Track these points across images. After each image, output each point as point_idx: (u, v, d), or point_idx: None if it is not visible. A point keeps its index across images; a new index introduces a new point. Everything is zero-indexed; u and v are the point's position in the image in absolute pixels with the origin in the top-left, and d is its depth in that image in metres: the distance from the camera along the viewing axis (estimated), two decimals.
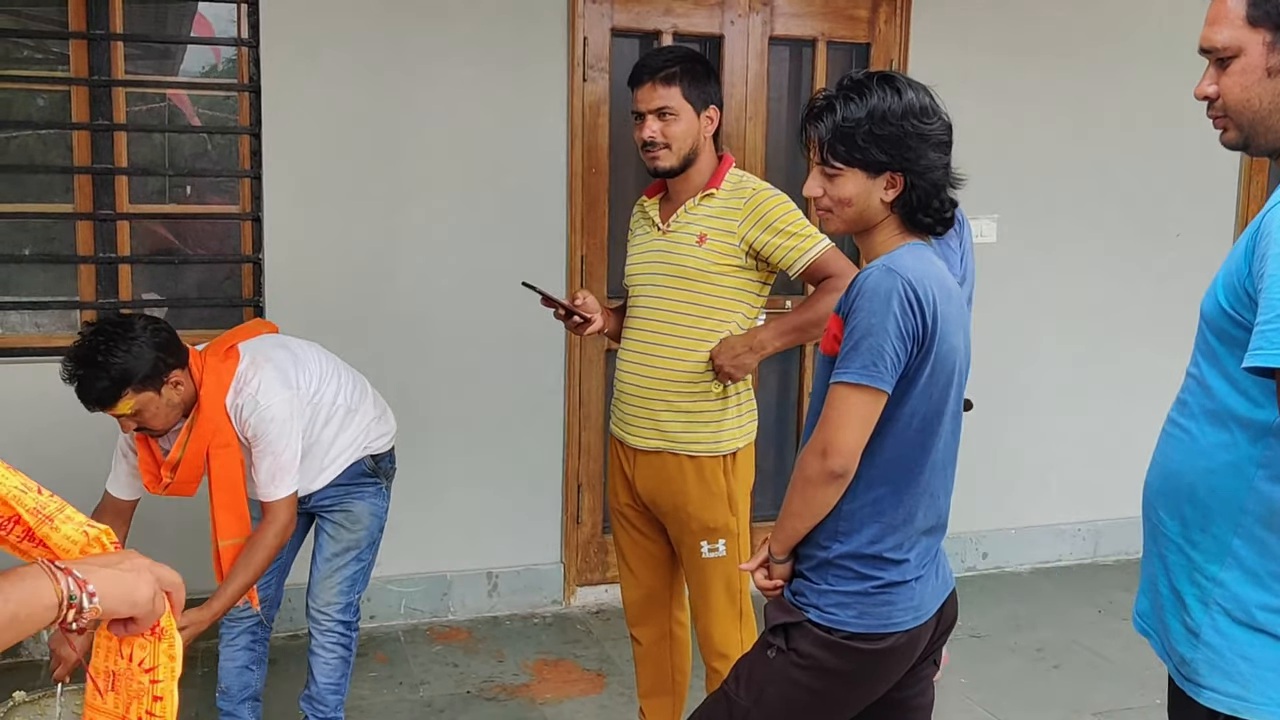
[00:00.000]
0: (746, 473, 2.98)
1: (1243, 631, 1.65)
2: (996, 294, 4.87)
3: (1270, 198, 1.63)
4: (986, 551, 5.08)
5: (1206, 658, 1.69)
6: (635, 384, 2.96)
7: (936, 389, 2.03)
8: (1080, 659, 4.24)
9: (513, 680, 3.97)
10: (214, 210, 4.30)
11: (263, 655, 3.23)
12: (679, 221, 2.93)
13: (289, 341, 3.12)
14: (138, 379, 2.71)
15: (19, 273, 4.07)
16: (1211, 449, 1.68)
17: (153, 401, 2.76)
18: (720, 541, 2.91)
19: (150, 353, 2.73)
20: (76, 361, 2.70)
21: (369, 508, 3.17)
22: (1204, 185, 5.14)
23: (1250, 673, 1.65)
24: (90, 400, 2.72)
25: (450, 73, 4.22)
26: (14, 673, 3.84)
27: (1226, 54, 1.70)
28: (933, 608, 2.13)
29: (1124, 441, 5.09)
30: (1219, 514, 1.67)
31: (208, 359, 2.88)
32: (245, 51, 4.05)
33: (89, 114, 3.94)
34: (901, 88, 2.04)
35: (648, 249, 3.00)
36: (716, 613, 2.96)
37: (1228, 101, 1.72)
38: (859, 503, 2.05)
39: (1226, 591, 1.66)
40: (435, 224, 4.28)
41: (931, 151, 2.03)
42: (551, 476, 4.54)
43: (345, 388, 3.12)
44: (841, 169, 2.06)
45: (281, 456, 2.87)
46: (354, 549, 3.16)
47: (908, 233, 2.10)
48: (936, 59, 4.66)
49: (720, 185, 2.91)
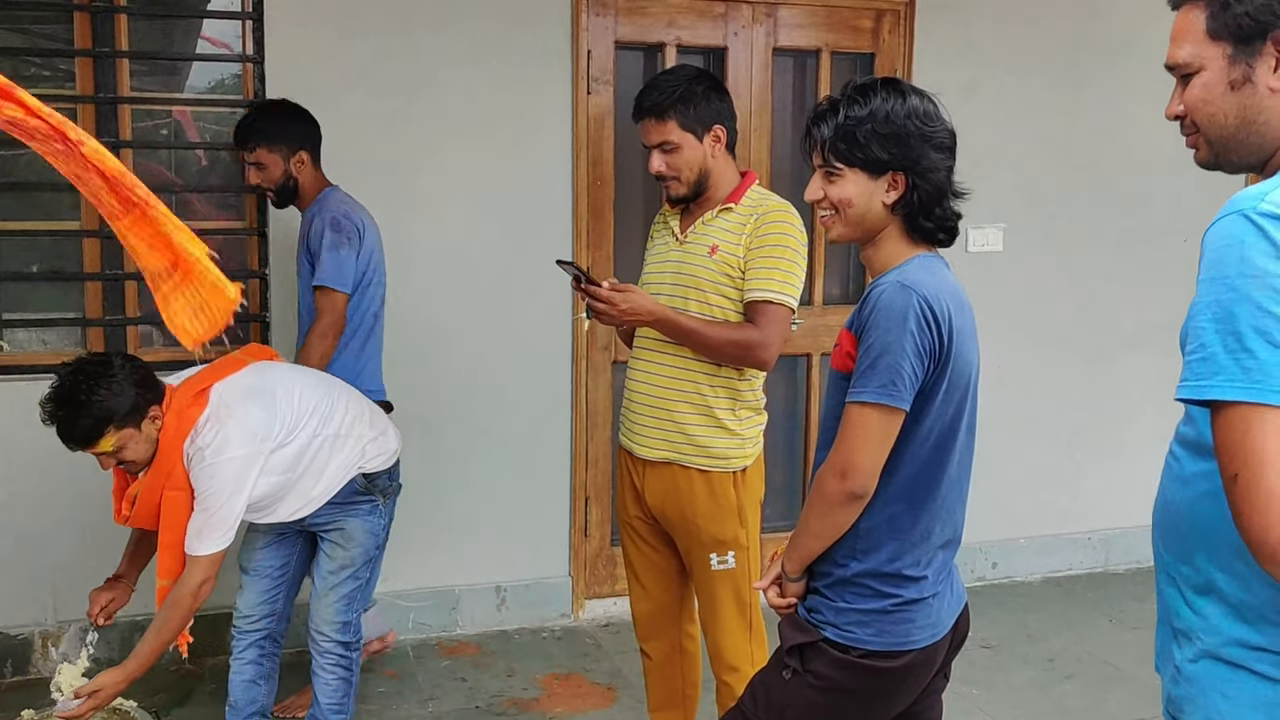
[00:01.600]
0: (756, 486, 2.97)
1: (1222, 668, 1.57)
2: (1004, 302, 4.86)
3: None
4: (996, 561, 5.06)
5: (1188, 694, 1.61)
6: (645, 394, 2.96)
7: (952, 404, 2.03)
8: (1093, 669, 4.21)
9: (523, 694, 3.95)
10: (219, 226, 4.30)
11: (271, 670, 3.22)
12: (696, 233, 2.93)
13: (271, 379, 3.02)
14: (119, 416, 2.72)
15: (26, 290, 4.08)
16: (1194, 478, 1.62)
17: (133, 438, 2.76)
18: (730, 554, 2.90)
19: (130, 390, 2.74)
20: (57, 402, 2.71)
21: (363, 525, 3.14)
22: (1213, 192, 5.11)
23: (1229, 711, 1.56)
24: (73, 439, 2.73)
25: (455, 86, 4.22)
26: (22, 690, 3.84)
27: (1189, 70, 1.66)
28: (949, 623, 2.12)
29: (1134, 449, 5.08)
30: (1200, 545, 1.60)
31: (175, 399, 2.83)
32: (250, 68, 4.06)
33: (95, 131, 3.94)
34: (906, 92, 2.05)
35: (664, 259, 3.00)
36: (726, 626, 2.94)
37: (1195, 119, 1.67)
38: (876, 520, 2.03)
39: (1208, 625, 1.59)
40: (440, 237, 4.28)
41: (934, 152, 2.03)
42: (559, 489, 4.53)
43: (335, 415, 3.05)
44: (842, 169, 2.06)
45: (215, 514, 2.79)
46: (349, 567, 3.14)
47: (913, 243, 2.08)
48: (940, 69, 4.67)
49: (740, 201, 2.91)
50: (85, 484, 3.80)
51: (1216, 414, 1.42)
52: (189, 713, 3.73)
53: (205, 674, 3.96)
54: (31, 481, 3.92)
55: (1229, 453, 1.39)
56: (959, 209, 2.11)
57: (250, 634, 3.14)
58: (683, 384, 2.89)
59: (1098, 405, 5.15)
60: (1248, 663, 1.54)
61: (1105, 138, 5.02)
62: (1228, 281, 1.41)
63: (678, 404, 2.89)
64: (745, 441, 2.92)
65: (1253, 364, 1.37)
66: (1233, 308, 1.39)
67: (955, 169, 2.10)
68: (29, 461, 3.90)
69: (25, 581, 3.96)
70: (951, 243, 2.12)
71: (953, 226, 2.10)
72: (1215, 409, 1.42)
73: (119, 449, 2.75)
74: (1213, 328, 1.42)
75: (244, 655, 3.16)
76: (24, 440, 3.88)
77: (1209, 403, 1.42)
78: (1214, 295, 1.43)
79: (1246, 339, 1.38)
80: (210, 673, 3.91)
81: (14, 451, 3.90)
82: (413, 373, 4.25)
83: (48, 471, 3.90)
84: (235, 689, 3.17)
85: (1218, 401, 1.40)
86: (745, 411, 2.92)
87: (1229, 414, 1.39)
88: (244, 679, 3.16)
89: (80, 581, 3.74)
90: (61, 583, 3.94)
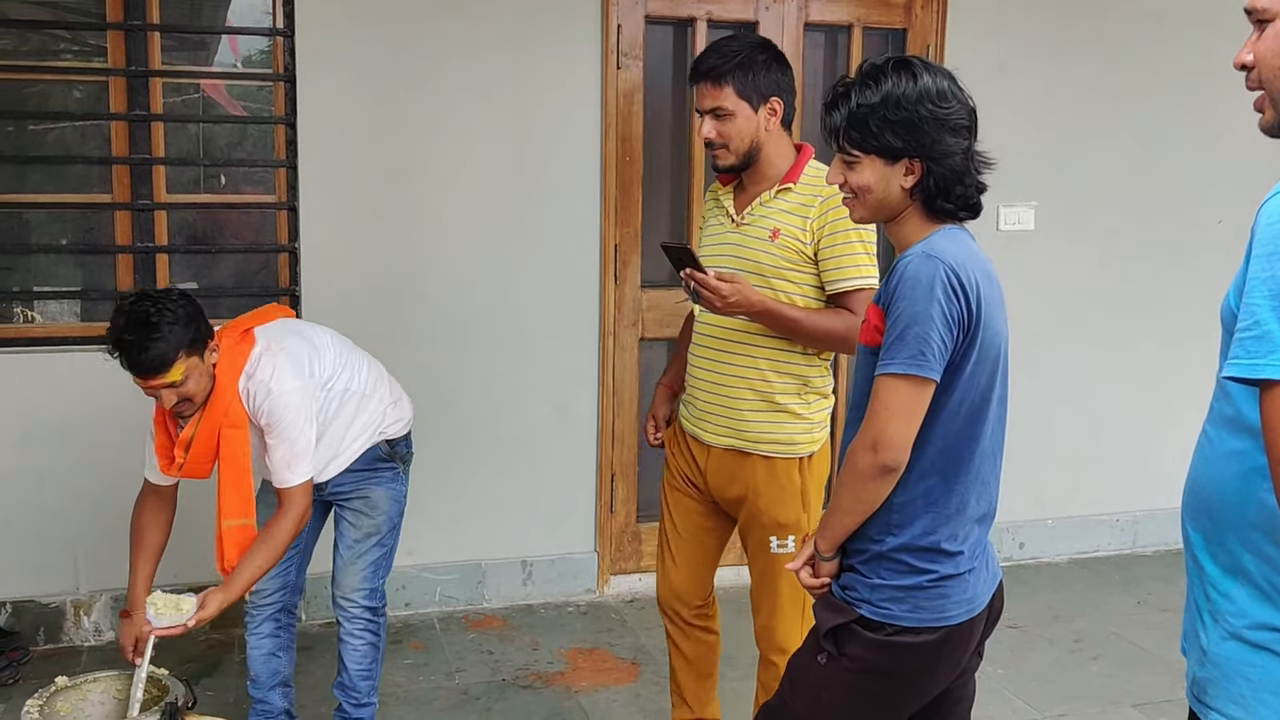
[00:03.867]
0: (822, 470, 2.91)
1: (1246, 650, 1.55)
2: (1033, 282, 4.82)
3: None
4: (1023, 542, 5.04)
5: (1212, 677, 1.60)
6: (710, 381, 2.90)
7: (983, 374, 2.01)
8: (1119, 650, 4.19)
9: (548, 668, 3.97)
10: (250, 200, 4.32)
11: (289, 641, 3.24)
12: (753, 214, 2.85)
13: (304, 328, 3.12)
14: (189, 342, 2.71)
15: (57, 263, 4.11)
16: (1226, 458, 1.59)
17: (197, 368, 2.75)
18: (790, 538, 2.85)
19: (195, 317, 2.75)
20: (129, 328, 2.67)
21: (387, 493, 3.16)
22: (1249, 172, 5.05)
23: (1251, 695, 1.55)
24: (146, 366, 2.68)
25: (483, 61, 4.21)
26: (56, 658, 3.89)
27: (1268, 16, 1.54)
28: (985, 600, 2.10)
29: (1163, 431, 5.04)
30: (1230, 526, 1.57)
31: (223, 339, 2.88)
32: (280, 41, 4.06)
33: (126, 105, 3.96)
34: (918, 72, 2.00)
35: (721, 241, 2.92)
36: (780, 608, 2.90)
37: (1262, 72, 1.56)
38: (911, 494, 2.01)
39: (1235, 607, 1.57)
40: (469, 213, 4.27)
41: (949, 137, 1.99)
42: (585, 465, 4.54)
43: (360, 373, 3.10)
44: (859, 156, 2.04)
45: (297, 443, 2.86)
46: (375, 534, 3.16)
47: (936, 220, 2.06)
48: (974, 45, 4.62)
49: (798, 180, 2.81)
50: (109, 453, 3.84)
51: (1266, 392, 1.38)
52: (218, 681, 3.77)
53: (235, 643, 4.00)
54: (58, 452, 3.96)
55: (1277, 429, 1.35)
56: (986, 181, 2.07)
57: (265, 608, 3.15)
58: (747, 372, 2.83)
59: (1126, 387, 5.10)
60: (1272, 645, 1.53)
61: (1140, 116, 4.96)
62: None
63: (742, 392, 2.84)
64: (813, 426, 2.87)
65: None
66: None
67: (982, 146, 2.06)
68: (56, 432, 3.94)
69: (55, 551, 4.00)
70: (976, 217, 2.09)
71: (975, 203, 2.06)
72: (1265, 387, 1.39)
73: (185, 379, 2.73)
74: (1269, 304, 1.38)
75: (260, 630, 3.16)
76: (52, 411, 3.93)
77: (1261, 381, 1.38)
78: (1270, 272, 1.39)
79: None
80: (240, 642, 3.95)
81: (42, 422, 3.94)
82: (441, 346, 4.26)
83: (74, 442, 3.94)
84: (256, 663, 3.18)
85: (1270, 380, 1.37)
86: (813, 396, 2.86)
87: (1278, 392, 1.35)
88: (263, 653, 3.17)
89: (106, 550, 3.80)
90: (90, 552, 3.99)
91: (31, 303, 4.09)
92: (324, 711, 3.45)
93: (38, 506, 3.97)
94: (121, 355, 2.69)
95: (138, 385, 2.75)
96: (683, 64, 4.51)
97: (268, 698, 3.21)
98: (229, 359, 2.84)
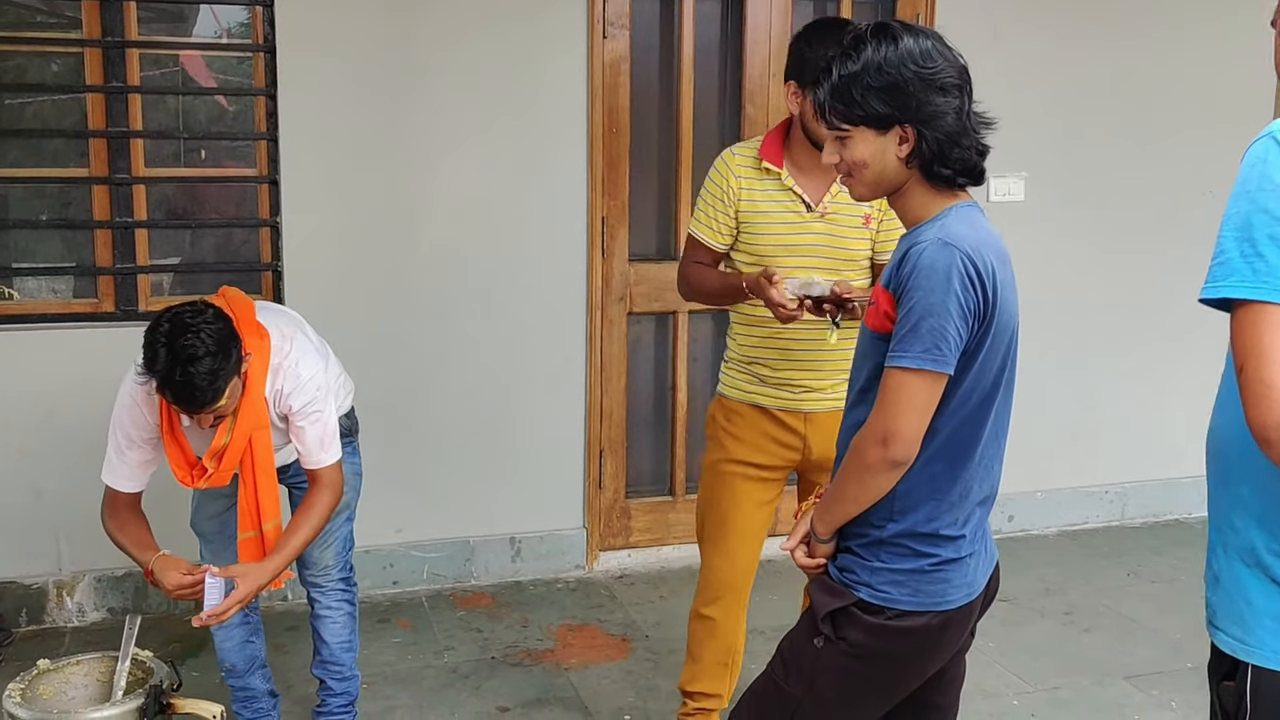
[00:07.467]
0: None
1: (1249, 575, 1.65)
2: (1024, 252, 4.74)
3: None
4: (1012, 514, 5.03)
5: (1221, 600, 1.69)
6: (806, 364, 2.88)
7: (995, 361, 1.96)
8: (1111, 623, 4.19)
9: (537, 645, 3.95)
10: (230, 174, 4.25)
11: (258, 625, 3.18)
12: (838, 202, 2.81)
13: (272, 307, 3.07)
14: (234, 366, 2.61)
15: (35, 238, 4.04)
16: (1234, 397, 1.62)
17: (236, 385, 2.66)
18: None
19: (232, 335, 2.62)
20: (175, 365, 2.51)
21: (350, 466, 3.10)
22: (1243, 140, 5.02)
23: (1250, 617, 1.64)
24: (197, 403, 2.56)
25: (468, 30, 4.14)
26: (39, 639, 3.85)
27: None
28: (982, 583, 2.08)
29: (1152, 403, 5.03)
30: (1237, 463, 1.65)
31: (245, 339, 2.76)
32: (260, 11, 3.98)
33: (102, 77, 3.89)
34: (899, 35, 1.93)
35: (805, 230, 2.84)
36: None
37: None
38: (915, 481, 1.97)
39: (1241, 538, 1.66)
40: (453, 184, 4.22)
41: (937, 96, 1.92)
42: (573, 441, 4.50)
43: (331, 357, 3.06)
44: (848, 130, 1.97)
45: (327, 423, 2.85)
46: (344, 510, 3.10)
47: (940, 191, 2.00)
48: (964, 11, 4.56)
49: None
50: (94, 435, 3.78)
51: (1233, 315, 1.51)
52: (203, 661, 3.73)
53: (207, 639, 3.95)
54: (40, 432, 3.90)
55: (1239, 348, 1.49)
56: (987, 142, 2.01)
57: None
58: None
59: (1116, 359, 5.08)
60: (1271, 569, 1.63)
61: (1133, 87, 4.92)
62: (1249, 195, 1.51)
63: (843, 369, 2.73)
64: None
65: (1263, 266, 1.47)
66: (1251, 218, 1.50)
67: (974, 105, 1.99)
68: (37, 411, 3.89)
69: (37, 532, 3.96)
70: (980, 183, 2.03)
71: (975, 167, 1.99)
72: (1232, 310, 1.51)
73: (230, 400, 2.64)
74: (1232, 235, 1.52)
75: (230, 620, 2.98)
76: (32, 390, 3.88)
77: (1223, 302, 1.52)
78: (1236, 208, 1.54)
79: (1260, 244, 1.48)
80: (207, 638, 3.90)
81: (22, 401, 3.88)
82: (426, 321, 4.22)
83: (56, 422, 3.89)
84: (231, 654, 3.11)
85: (1232, 301, 1.50)
86: None
87: (1241, 312, 1.49)
88: (236, 643, 3.10)
89: (89, 530, 3.72)
90: (72, 532, 3.94)
91: (10, 280, 4.02)
92: (309, 692, 3.41)
93: (18, 487, 3.92)
94: (168, 392, 2.56)
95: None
96: (669, 33, 4.45)
97: (249, 683, 3.16)
98: (259, 358, 2.76)
